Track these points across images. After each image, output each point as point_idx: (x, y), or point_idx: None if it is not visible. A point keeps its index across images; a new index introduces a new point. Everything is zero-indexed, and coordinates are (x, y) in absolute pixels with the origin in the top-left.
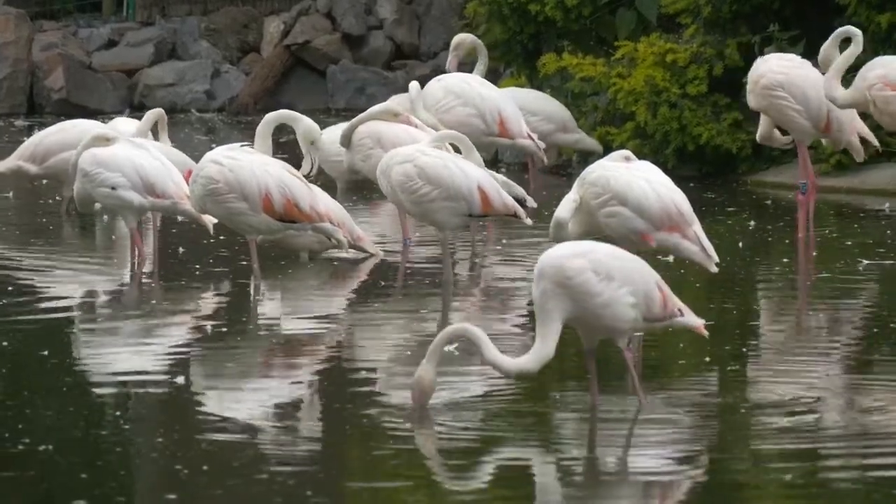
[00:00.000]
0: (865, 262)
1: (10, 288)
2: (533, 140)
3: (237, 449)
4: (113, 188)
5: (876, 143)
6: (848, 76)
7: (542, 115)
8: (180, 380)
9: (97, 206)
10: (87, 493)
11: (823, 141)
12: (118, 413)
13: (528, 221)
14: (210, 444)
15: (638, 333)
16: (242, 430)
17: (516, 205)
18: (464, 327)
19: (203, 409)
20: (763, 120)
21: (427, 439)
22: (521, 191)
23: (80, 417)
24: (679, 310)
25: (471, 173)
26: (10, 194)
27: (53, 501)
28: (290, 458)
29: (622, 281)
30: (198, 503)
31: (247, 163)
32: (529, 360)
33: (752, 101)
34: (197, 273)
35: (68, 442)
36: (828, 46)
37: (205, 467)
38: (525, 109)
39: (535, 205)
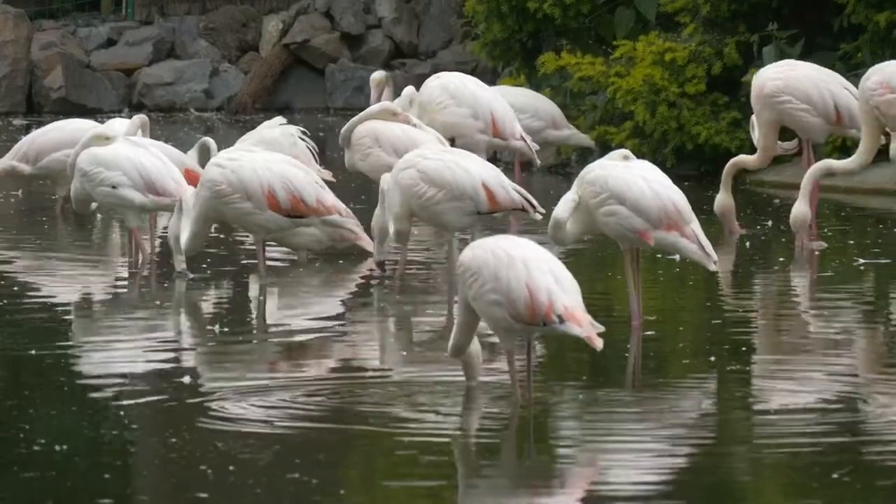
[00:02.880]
0: (862, 260)
1: (8, 288)
2: (526, 142)
3: (255, 448)
4: (113, 187)
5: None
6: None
7: (530, 112)
8: (186, 379)
9: (93, 205)
10: (115, 492)
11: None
12: (125, 413)
13: (538, 216)
14: (227, 443)
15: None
16: (256, 430)
17: (523, 199)
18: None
19: (212, 408)
20: (757, 128)
21: (446, 436)
22: (527, 195)
23: (88, 418)
24: (559, 316)
25: (474, 171)
26: (20, 192)
27: (81, 501)
28: (312, 457)
29: (487, 278)
30: (238, 502)
31: (247, 162)
32: (449, 349)
33: (764, 115)
34: (197, 272)
35: (82, 443)
36: None
37: (231, 467)
38: (513, 107)
39: (543, 212)
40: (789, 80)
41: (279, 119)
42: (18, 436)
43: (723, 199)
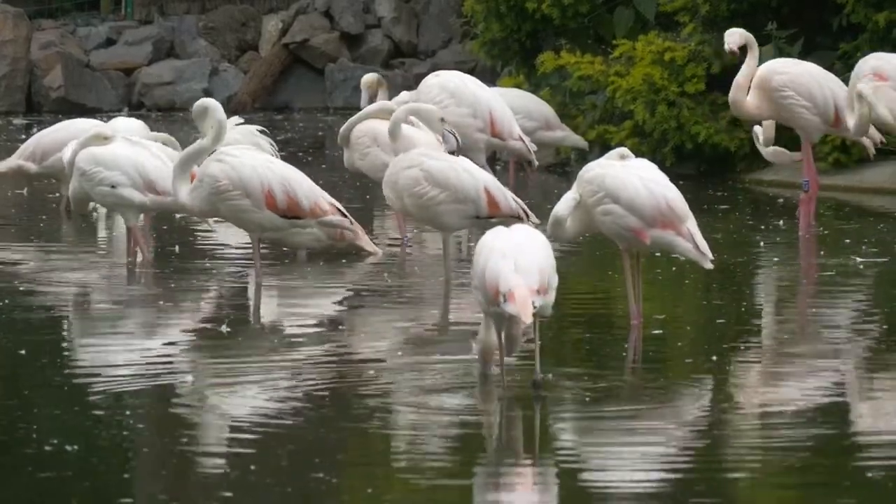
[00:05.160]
0: (861, 259)
1: (8, 287)
2: (524, 142)
3: (271, 448)
4: (113, 187)
5: (878, 137)
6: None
7: (522, 113)
8: (189, 378)
9: (91, 205)
10: (136, 492)
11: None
12: (131, 413)
13: (533, 224)
14: (241, 443)
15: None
16: (268, 430)
17: (520, 207)
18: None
19: (220, 408)
20: (765, 129)
21: (461, 435)
22: (523, 204)
23: (96, 419)
24: (503, 296)
25: (477, 175)
26: (25, 191)
27: (103, 501)
28: (330, 457)
29: (474, 263)
30: (266, 501)
31: (248, 160)
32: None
33: (758, 107)
34: (195, 271)
35: (95, 443)
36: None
37: (252, 466)
38: None
39: (537, 221)
40: (795, 75)
41: (235, 119)
42: (27, 436)
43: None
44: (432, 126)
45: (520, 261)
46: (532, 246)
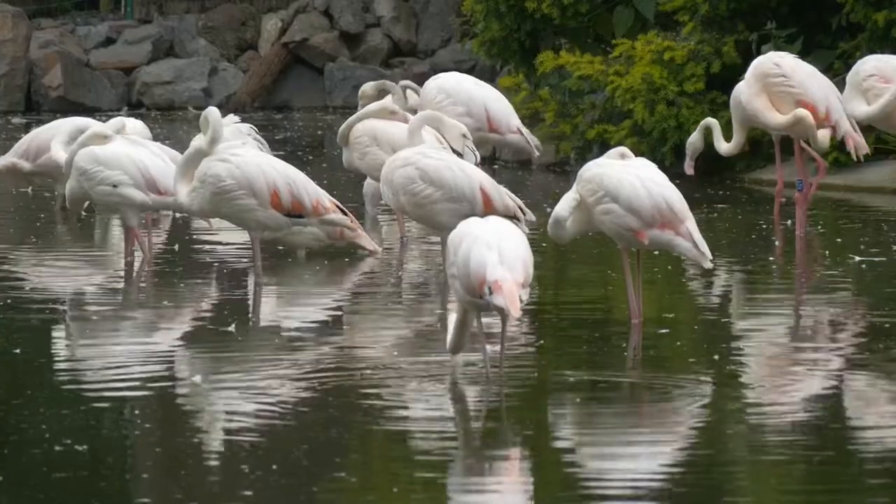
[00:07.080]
0: (859, 259)
1: (8, 287)
2: (522, 135)
3: (285, 449)
4: (115, 186)
5: (866, 148)
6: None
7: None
8: (197, 379)
9: (84, 204)
10: (153, 493)
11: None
12: (139, 413)
13: (527, 224)
14: (256, 444)
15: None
16: (280, 431)
17: (516, 206)
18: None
19: (229, 408)
20: (737, 130)
21: (455, 434)
22: (519, 202)
23: (101, 419)
24: (489, 288)
25: (472, 174)
26: (29, 190)
27: (117, 502)
28: (347, 457)
29: (454, 252)
30: (291, 501)
31: (251, 159)
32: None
33: (753, 101)
34: (195, 271)
35: (106, 444)
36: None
37: (274, 466)
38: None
39: (533, 218)
40: (792, 72)
41: (232, 118)
42: (44, 435)
43: (696, 139)
44: (454, 142)
45: (504, 252)
46: (513, 238)
